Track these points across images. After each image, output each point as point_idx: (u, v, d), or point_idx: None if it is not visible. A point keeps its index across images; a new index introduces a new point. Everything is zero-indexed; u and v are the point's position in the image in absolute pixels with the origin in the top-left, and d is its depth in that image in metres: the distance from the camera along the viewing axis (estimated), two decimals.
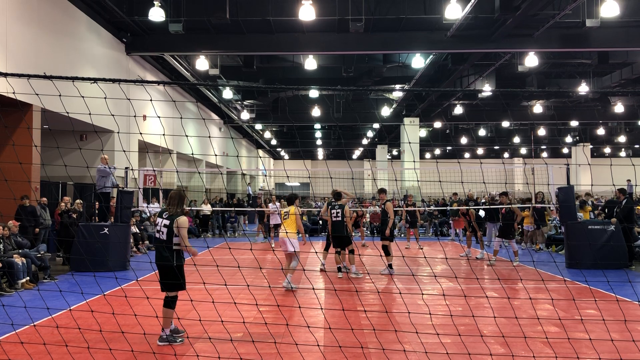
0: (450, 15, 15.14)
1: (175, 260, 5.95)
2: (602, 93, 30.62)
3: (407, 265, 11.78)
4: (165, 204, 6.26)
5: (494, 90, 23.50)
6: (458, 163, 9.05)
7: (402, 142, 33.21)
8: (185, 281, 6.08)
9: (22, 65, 12.55)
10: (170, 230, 5.94)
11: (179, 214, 6.02)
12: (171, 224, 5.95)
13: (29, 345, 5.76)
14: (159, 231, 6.03)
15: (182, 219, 5.97)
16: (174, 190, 6.27)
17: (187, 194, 6.46)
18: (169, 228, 5.95)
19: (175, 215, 6.00)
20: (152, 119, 19.29)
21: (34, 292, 9.18)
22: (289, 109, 31.48)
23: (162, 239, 5.98)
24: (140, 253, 15.45)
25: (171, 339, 5.96)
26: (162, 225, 6.01)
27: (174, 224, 5.94)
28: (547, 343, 5.88)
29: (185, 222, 5.97)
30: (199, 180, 26.50)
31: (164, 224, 5.99)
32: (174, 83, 5.41)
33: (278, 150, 51.48)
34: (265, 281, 9.43)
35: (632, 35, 17.15)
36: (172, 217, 5.99)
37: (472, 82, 23.71)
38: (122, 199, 12.76)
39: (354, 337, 5.91)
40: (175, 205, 6.10)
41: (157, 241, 6.08)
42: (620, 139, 39.65)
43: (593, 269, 11.15)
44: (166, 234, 5.96)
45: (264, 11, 16.39)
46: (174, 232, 5.94)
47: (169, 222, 5.96)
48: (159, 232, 6.02)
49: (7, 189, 7.47)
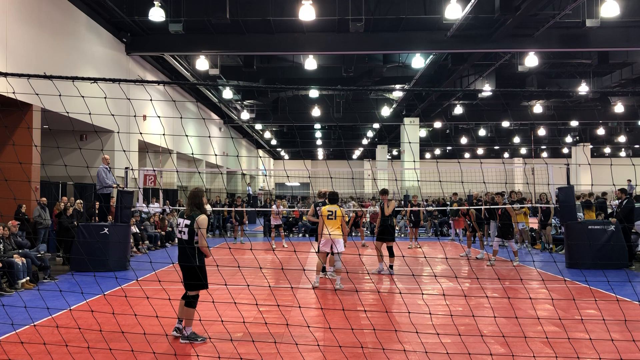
0: (450, 15, 15.14)
1: (198, 259, 5.99)
2: (602, 93, 30.59)
3: (407, 265, 11.78)
4: (185, 205, 6.29)
5: (494, 90, 23.42)
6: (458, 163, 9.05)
7: (402, 142, 33.21)
8: (207, 281, 6.10)
9: (22, 65, 12.55)
10: (192, 230, 5.99)
11: (199, 214, 6.06)
12: (192, 224, 6.00)
13: (29, 345, 5.76)
14: (180, 232, 6.08)
15: (201, 218, 6.01)
16: (192, 190, 6.27)
17: (187, 194, 6.45)
18: (190, 228, 6.00)
19: (195, 215, 6.05)
20: (152, 119, 19.29)
21: (34, 292, 9.17)
22: (289, 109, 31.48)
23: (184, 239, 6.02)
24: (140, 253, 15.44)
25: (192, 338, 6.01)
26: (183, 226, 6.06)
27: (195, 223, 5.98)
28: (547, 343, 5.88)
29: (204, 222, 6.01)
30: (199, 180, 26.51)
31: (185, 224, 6.05)
32: (174, 83, 5.41)
33: (278, 150, 51.48)
34: (265, 281, 9.43)
35: (632, 35, 17.16)
36: (193, 217, 6.03)
37: (472, 82, 23.71)
38: (122, 199, 12.75)
39: (354, 337, 5.91)
40: (194, 205, 6.13)
41: (180, 242, 6.13)
42: (620, 139, 39.67)
43: (593, 269, 11.14)
44: (188, 234, 6.01)
45: (264, 11, 16.39)
46: (195, 232, 5.99)
47: (190, 222, 6.01)
48: (181, 233, 6.07)
49: (7, 189, 7.47)
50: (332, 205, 9.47)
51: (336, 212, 9.36)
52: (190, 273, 5.98)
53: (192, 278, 5.96)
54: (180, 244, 6.10)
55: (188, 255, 5.96)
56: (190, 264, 5.96)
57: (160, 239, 17.32)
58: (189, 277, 5.98)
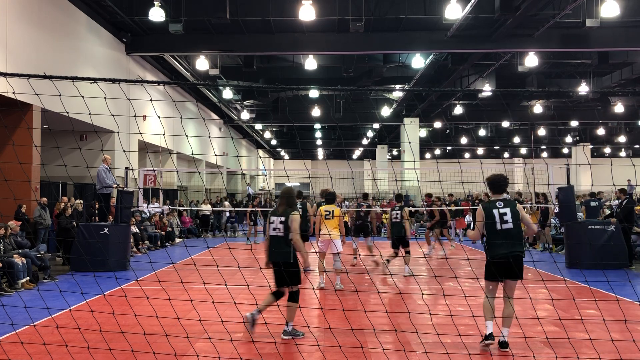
0: (450, 15, 15.14)
1: (292, 255, 6.24)
2: (602, 93, 30.61)
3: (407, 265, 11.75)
4: (277, 203, 6.59)
5: (494, 90, 23.51)
6: (458, 163, 9.04)
7: (402, 142, 33.20)
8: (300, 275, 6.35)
9: (22, 65, 12.55)
10: (287, 226, 6.21)
11: (292, 211, 6.32)
12: (287, 220, 6.23)
13: (29, 345, 5.76)
14: (275, 229, 6.28)
15: (295, 215, 6.29)
16: (286, 190, 6.54)
17: (187, 194, 6.54)
18: (285, 224, 6.23)
19: (289, 212, 6.29)
20: (152, 119, 19.29)
21: (34, 292, 9.17)
22: (289, 109, 31.47)
23: (280, 235, 6.24)
24: (140, 253, 15.44)
25: (294, 333, 6.16)
26: (278, 223, 6.29)
27: (289, 220, 6.21)
28: (547, 343, 5.88)
29: (298, 219, 6.29)
30: (199, 180, 26.50)
31: (279, 220, 6.27)
32: (174, 83, 5.42)
33: (278, 150, 51.47)
34: (265, 281, 9.42)
35: (632, 35, 17.15)
36: (287, 214, 6.27)
37: (472, 82, 23.70)
38: (122, 199, 12.75)
39: (354, 337, 5.91)
40: (287, 203, 6.39)
41: (274, 238, 6.31)
42: (620, 139, 39.64)
43: (593, 269, 11.14)
44: (283, 230, 6.23)
45: (264, 11, 16.39)
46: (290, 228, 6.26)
47: (285, 218, 6.24)
48: (275, 230, 6.27)
49: (7, 189, 7.46)
50: (330, 205, 9.50)
51: (333, 212, 9.37)
52: (288, 268, 6.20)
53: (291, 273, 6.20)
54: (274, 240, 6.31)
55: (285, 251, 6.21)
56: (289, 260, 6.20)
57: (160, 239, 17.32)
58: (289, 273, 6.20)
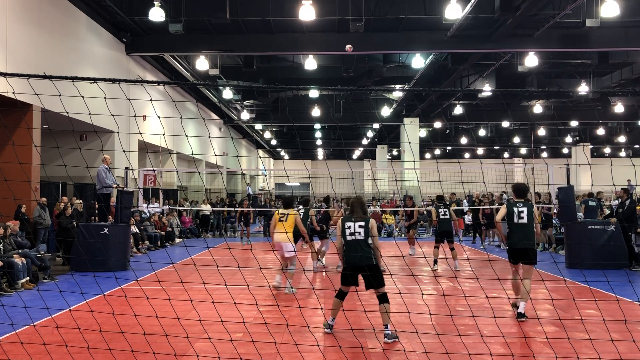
0: (450, 16, 15.14)
1: (374, 257, 6.45)
2: (602, 93, 30.61)
3: (407, 265, 11.77)
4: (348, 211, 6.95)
5: (494, 90, 23.51)
6: (458, 163, 9.04)
7: (402, 142, 33.19)
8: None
9: (22, 65, 12.55)
10: (367, 230, 6.48)
11: (367, 218, 6.66)
12: (366, 225, 6.50)
13: (29, 345, 5.76)
14: (352, 233, 6.50)
15: (373, 221, 6.67)
16: (359, 198, 6.86)
17: (187, 194, 6.55)
18: (366, 229, 6.48)
19: (366, 218, 6.63)
20: (152, 119, 19.28)
21: (34, 292, 9.17)
22: (289, 109, 31.46)
23: (361, 238, 6.47)
24: (140, 253, 15.43)
25: (394, 336, 6.19)
26: (357, 227, 6.53)
27: (369, 224, 6.53)
28: (547, 343, 5.88)
29: (375, 224, 6.70)
30: (199, 180, 26.48)
31: (358, 225, 6.53)
32: (174, 83, 5.41)
33: (278, 150, 51.46)
34: (265, 281, 9.43)
35: (632, 35, 17.15)
36: (366, 220, 6.59)
37: (472, 82, 23.69)
38: (122, 199, 12.75)
39: (354, 337, 5.91)
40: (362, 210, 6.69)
41: (355, 242, 6.50)
42: (620, 139, 39.63)
43: (593, 269, 11.14)
44: (364, 234, 6.47)
45: (264, 11, 16.39)
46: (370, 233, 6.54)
47: (364, 223, 6.52)
48: (353, 235, 6.49)
49: (7, 189, 7.47)
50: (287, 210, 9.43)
51: (288, 215, 9.34)
52: (373, 270, 6.36)
53: (377, 275, 6.35)
54: (356, 244, 6.48)
55: (368, 254, 6.42)
56: (371, 263, 6.37)
57: (160, 239, 17.31)
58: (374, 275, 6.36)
